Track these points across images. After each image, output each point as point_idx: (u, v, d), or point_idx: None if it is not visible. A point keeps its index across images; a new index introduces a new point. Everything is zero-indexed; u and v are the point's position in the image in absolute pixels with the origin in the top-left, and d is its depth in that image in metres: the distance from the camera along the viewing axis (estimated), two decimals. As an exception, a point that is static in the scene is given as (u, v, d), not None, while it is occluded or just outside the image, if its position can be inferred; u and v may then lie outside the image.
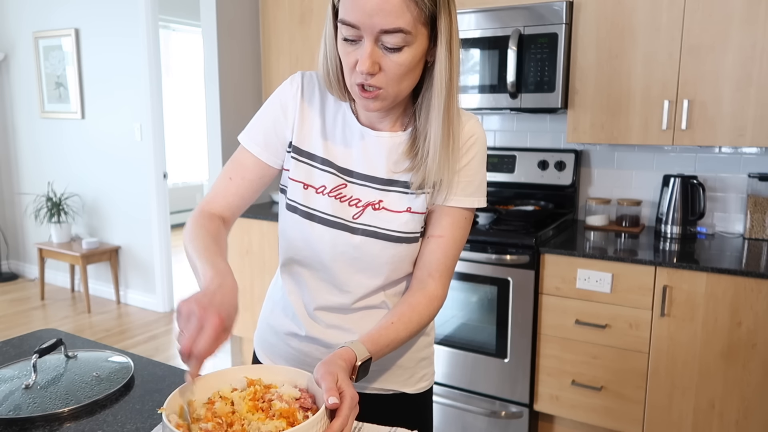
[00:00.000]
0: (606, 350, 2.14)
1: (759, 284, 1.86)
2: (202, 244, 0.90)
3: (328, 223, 0.97)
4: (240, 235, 2.98)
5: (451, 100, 0.90)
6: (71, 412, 0.92)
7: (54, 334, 1.25)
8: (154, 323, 3.91)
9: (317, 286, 1.02)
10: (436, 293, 0.98)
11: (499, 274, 2.24)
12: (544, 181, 2.67)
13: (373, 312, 1.03)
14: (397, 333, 0.92)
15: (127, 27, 3.91)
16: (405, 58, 0.84)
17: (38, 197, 4.60)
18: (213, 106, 3.05)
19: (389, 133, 0.97)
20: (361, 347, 0.86)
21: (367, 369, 0.87)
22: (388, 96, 0.88)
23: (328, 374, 0.76)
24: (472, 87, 2.47)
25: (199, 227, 0.94)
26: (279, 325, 1.08)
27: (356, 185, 0.97)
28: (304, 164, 0.99)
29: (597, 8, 2.25)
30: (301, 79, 1.01)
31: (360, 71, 0.85)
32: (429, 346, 1.12)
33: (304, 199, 0.98)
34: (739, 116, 2.08)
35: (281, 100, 1.00)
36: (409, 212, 0.97)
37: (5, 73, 4.73)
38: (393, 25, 0.81)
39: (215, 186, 1.02)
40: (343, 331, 1.03)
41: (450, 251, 0.99)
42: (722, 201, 2.44)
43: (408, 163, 0.96)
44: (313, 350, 1.05)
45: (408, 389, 1.08)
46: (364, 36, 0.83)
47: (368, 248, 0.97)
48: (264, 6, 3.12)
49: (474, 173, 0.98)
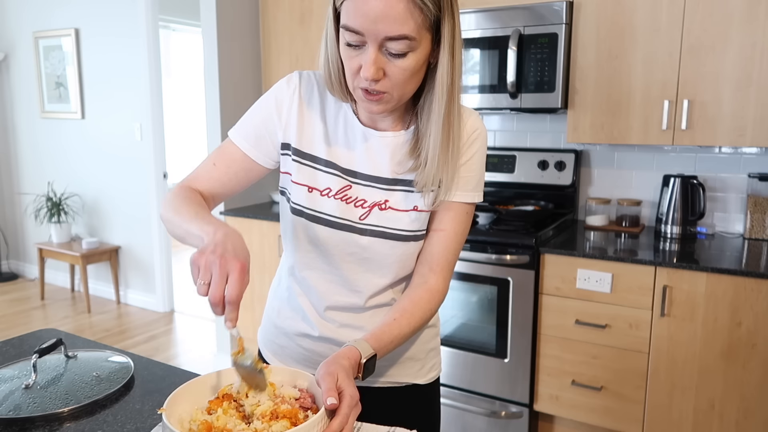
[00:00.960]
0: (606, 350, 2.14)
1: (759, 284, 1.86)
2: (193, 209, 0.89)
3: (335, 226, 0.97)
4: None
5: (452, 102, 0.90)
6: (71, 412, 0.92)
7: (54, 334, 1.25)
8: (154, 323, 3.91)
9: (327, 287, 1.02)
10: (437, 287, 0.98)
11: (499, 274, 2.24)
12: (544, 181, 2.67)
13: (384, 310, 1.03)
14: (400, 329, 0.92)
15: (127, 27, 3.91)
16: (409, 63, 0.84)
17: (38, 197, 4.60)
18: (213, 106, 3.05)
19: (392, 132, 0.97)
20: (365, 345, 0.86)
21: (373, 366, 0.87)
22: (392, 99, 0.88)
23: (327, 375, 0.76)
24: (472, 87, 2.47)
25: (184, 198, 0.93)
26: (289, 327, 1.07)
27: (361, 186, 0.97)
28: (307, 167, 0.98)
29: (597, 8, 2.25)
30: (299, 79, 0.99)
31: (364, 77, 0.84)
32: (436, 336, 1.13)
33: (310, 202, 0.97)
34: (739, 116, 2.08)
35: (276, 99, 0.99)
36: (416, 210, 0.97)
37: (5, 73, 4.73)
38: (398, 32, 0.80)
39: (198, 169, 1.01)
40: (355, 330, 1.03)
41: (451, 245, 0.99)
42: (722, 201, 2.44)
43: (412, 163, 0.96)
44: (327, 350, 1.04)
45: (420, 380, 1.09)
46: (367, 42, 0.82)
47: (377, 248, 0.97)
48: (264, 6, 3.12)
49: (476, 169, 0.99)
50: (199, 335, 3.72)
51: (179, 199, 0.93)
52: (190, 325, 3.91)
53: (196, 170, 1.01)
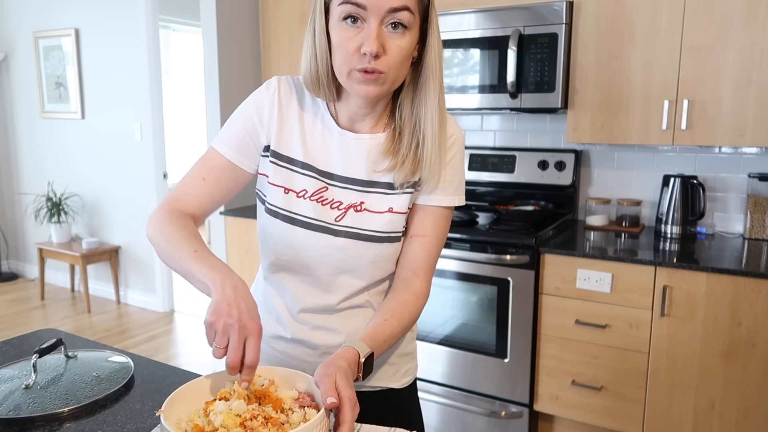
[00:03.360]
0: (606, 350, 2.14)
1: (759, 284, 1.86)
2: (191, 246, 0.88)
3: (310, 227, 0.97)
4: (240, 235, 2.98)
5: (443, 88, 0.95)
6: (71, 412, 0.92)
7: (54, 334, 1.25)
8: (154, 323, 3.91)
9: (301, 288, 1.02)
10: (421, 290, 1.00)
11: (499, 274, 2.24)
12: (544, 181, 2.67)
13: (358, 311, 1.04)
14: (392, 329, 0.93)
15: (127, 27, 3.91)
16: (406, 42, 0.88)
17: (38, 197, 4.60)
18: (213, 106, 3.05)
19: (369, 135, 0.98)
20: (361, 344, 0.87)
21: (371, 365, 0.88)
22: (387, 80, 0.89)
23: (326, 376, 0.77)
24: (472, 87, 2.47)
25: (180, 228, 0.92)
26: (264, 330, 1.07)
27: (337, 188, 0.98)
28: (283, 169, 0.99)
29: (597, 8, 2.25)
30: (278, 83, 1.00)
31: (368, 52, 0.85)
32: (412, 341, 1.15)
33: (285, 203, 0.98)
34: (739, 116, 2.08)
35: (257, 105, 1.00)
36: (391, 212, 0.98)
37: (5, 73, 4.73)
38: (401, 2, 0.85)
39: (186, 185, 1.00)
40: (328, 332, 1.03)
41: (433, 249, 1.02)
42: (722, 201, 2.44)
43: (388, 163, 0.97)
44: (300, 352, 1.05)
45: (394, 384, 1.10)
46: (369, 17, 0.85)
47: (351, 250, 0.98)
48: (264, 6, 3.12)
49: (454, 172, 1.01)
50: (199, 335, 3.72)
51: (172, 227, 0.92)
52: (190, 325, 3.91)
53: (183, 187, 1.00)
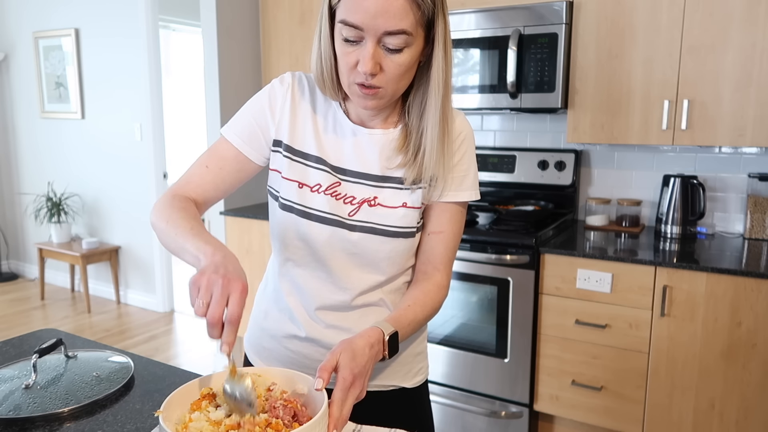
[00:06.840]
0: (606, 350, 2.14)
1: (759, 284, 1.86)
2: (188, 224, 0.88)
3: (325, 221, 0.97)
4: (240, 235, 2.98)
5: (447, 98, 0.94)
6: (71, 412, 0.92)
7: (54, 334, 1.25)
8: (154, 323, 3.91)
9: (316, 285, 1.02)
10: (443, 282, 1.03)
11: (499, 274, 2.24)
12: (544, 181, 2.67)
13: (372, 310, 1.04)
14: (415, 315, 0.96)
15: (127, 27, 3.91)
16: (405, 58, 0.87)
17: (38, 197, 4.60)
18: (213, 106, 3.05)
19: (381, 130, 0.99)
20: (386, 324, 0.90)
21: (396, 345, 0.90)
22: (386, 94, 0.90)
23: (331, 353, 0.79)
24: (472, 87, 2.47)
25: (178, 209, 0.92)
26: (276, 329, 1.07)
27: (350, 183, 0.99)
28: (298, 163, 0.99)
29: (597, 8, 2.25)
30: (292, 78, 1.02)
31: (362, 71, 0.86)
32: (424, 340, 1.15)
33: (300, 198, 0.98)
34: (739, 116, 2.08)
35: (269, 98, 1.01)
36: (405, 207, 0.98)
37: (5, 73, 4.73)
38: (396, 27, 0.83)
39: (190, 173, 1.00)
40: (341, 331, 1.03)
41: (451, 244, 1.04)
42: (722, 201, 2.44)
43: (400, 159, 0.98)
44: (313, 352, 1.05)
45: (406, 383, 1.10)
46: (366, 37, 0.84)
47: (366, 244, 0.98)
48: (264, 6, 3.12)
49: (467, 168, 1.01)
50: (199, 335, 3.72)
51: (173, 209, 0.92)
52: (190, 325, 3.91)
53: (187, 174, 1.00)
